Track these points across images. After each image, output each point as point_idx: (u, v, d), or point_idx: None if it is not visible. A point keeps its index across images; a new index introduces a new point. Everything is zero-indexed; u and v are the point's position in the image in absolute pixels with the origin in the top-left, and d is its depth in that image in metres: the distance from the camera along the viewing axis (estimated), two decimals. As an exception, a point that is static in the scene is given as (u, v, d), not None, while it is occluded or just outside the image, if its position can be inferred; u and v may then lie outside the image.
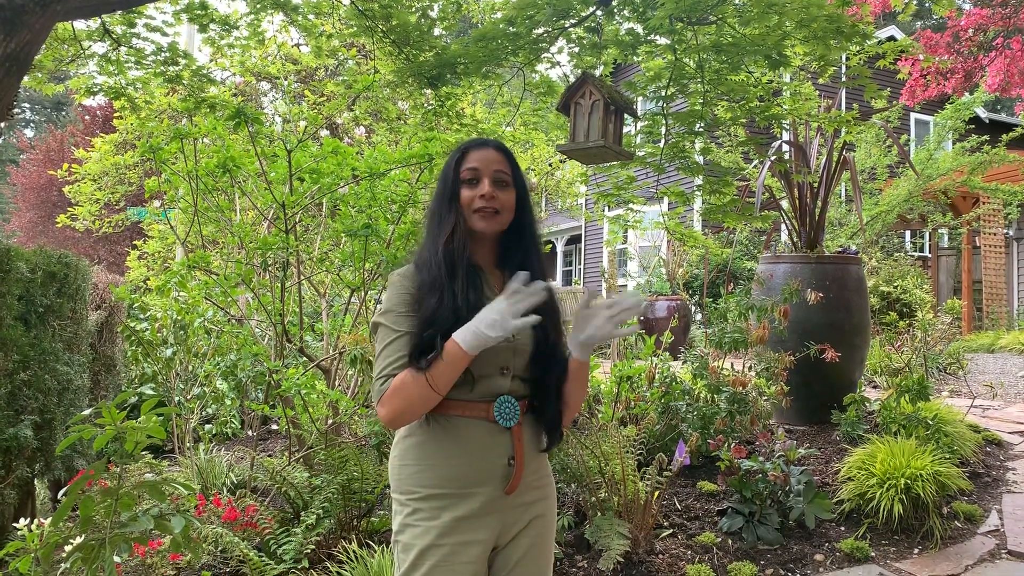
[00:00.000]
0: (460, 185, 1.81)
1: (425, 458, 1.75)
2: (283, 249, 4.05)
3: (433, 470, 1.74)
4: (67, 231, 17.24)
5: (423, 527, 1.72)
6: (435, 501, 1.73)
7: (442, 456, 1.74)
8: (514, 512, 1.79)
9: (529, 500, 1.82)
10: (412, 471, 1.76)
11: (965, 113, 12.34)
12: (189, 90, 5.14)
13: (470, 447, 1.74)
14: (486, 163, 1.82)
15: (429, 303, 1.71)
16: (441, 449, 1.74)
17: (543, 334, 1.82)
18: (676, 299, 11.18)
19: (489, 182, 1.80)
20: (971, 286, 13.89)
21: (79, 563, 1.68)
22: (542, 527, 1.86)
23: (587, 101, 3.61)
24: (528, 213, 1.89)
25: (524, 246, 1.87)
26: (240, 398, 5.54)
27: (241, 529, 3.41)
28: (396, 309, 1.73)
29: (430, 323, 1.69)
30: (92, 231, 13.92)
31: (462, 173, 1.81)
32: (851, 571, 3.56)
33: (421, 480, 1.74)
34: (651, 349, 4.89)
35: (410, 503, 1.75)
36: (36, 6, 2.81)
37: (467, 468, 1.74)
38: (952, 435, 4.57)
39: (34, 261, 3.90)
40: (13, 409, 3.60)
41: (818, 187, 5.75)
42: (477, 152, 1.83)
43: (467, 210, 1.80)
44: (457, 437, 1.74)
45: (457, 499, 1.73)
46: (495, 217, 1.80)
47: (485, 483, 1.75)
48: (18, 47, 2.76)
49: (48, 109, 47.25)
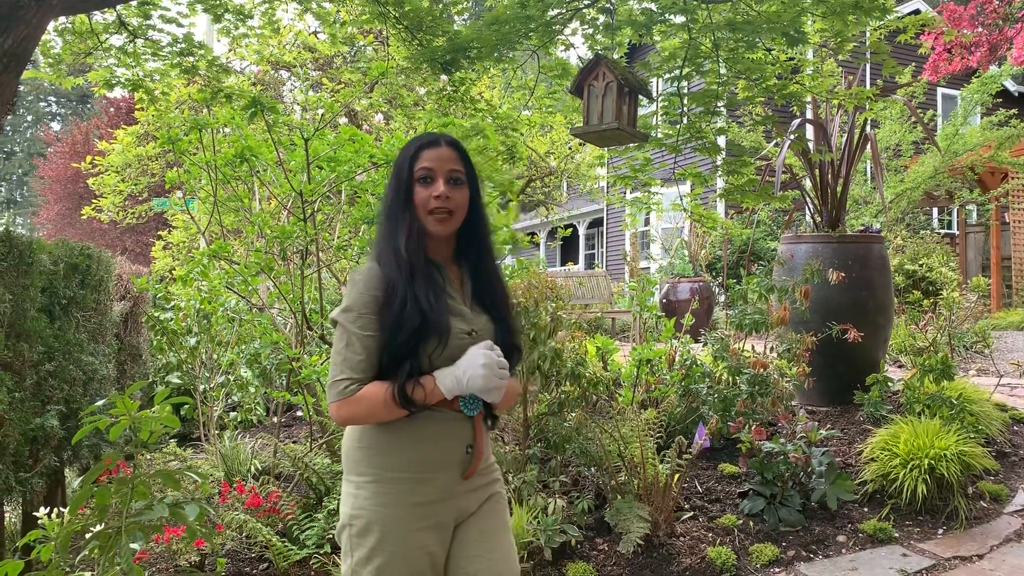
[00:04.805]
0: (414, 184, 1.84)
1: (386, 442, 1.78)
2: (302, 237, 4.08)
3: (393, 455, 1.78)
4: (93, 222, 17.42)
5: (381, 511, 1.75)
6: (393, 485, 1.76)
7: (403, 441, 1.78)
8: (468, 497, 1.86)
9: (481, 484, 1.90)
10: (370, 454, 1.79)
11: (992, 86, 12.10)
12: (206, 80, 5.17)
13: (433, 434, 1.79)
14: (440, 162, 1.84)
15: (393, 307, 1.75)
16: (403, 435, 1.78)
17: (502, 330, 1.90)
18: (698, 281, 11.11)
19: (444, 182, 1.83)
20: (1000, 263, 13.65)
21: (96, 551, 1.71)
22: (498, 504, 1.93)
23: (600, 83, 3.59)
24: (480, 208, 1.93)
25: (478, 241, 1.92)
26: (264, 385, 5.59)
27: (265, 515, 3.45)
28: (357, 309, 1.77)
29: (398, 326, 1.74)
30: (117, 222, 14.08)
31: (416, 172, 1.84)
32: (874, 552, 3.54)
33: (381, 463, 1.78)
34: (671, 331, 4.87)
35: (367, 486, 1.78)
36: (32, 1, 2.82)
37: (429, 454, 1.79)
38: (978, 414, 4.51)
39: (56, 253, 3.94)
40: (39, 400, 3.66)
41: (840, 165, 5.67)
42: (431, 151, 1.86)
43: (421, 210, 1.83)
44: (421, 425, 1.78)
45: (416, 483, 1.77)
46: (449, 219, 1.84)
47: (444, 469, 1.80)
48: (15, 43, 2.78)
49: (73, 102, 47.74)
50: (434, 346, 1.76)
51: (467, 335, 1.83)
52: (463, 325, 1.84)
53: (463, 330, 1.83)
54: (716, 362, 4.63)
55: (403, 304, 1.74)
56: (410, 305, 1.75)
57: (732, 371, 4.44)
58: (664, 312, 9.58)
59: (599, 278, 13.71)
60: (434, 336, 1.76)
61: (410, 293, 1.75)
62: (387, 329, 1.75)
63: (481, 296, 1.92)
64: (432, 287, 1.80)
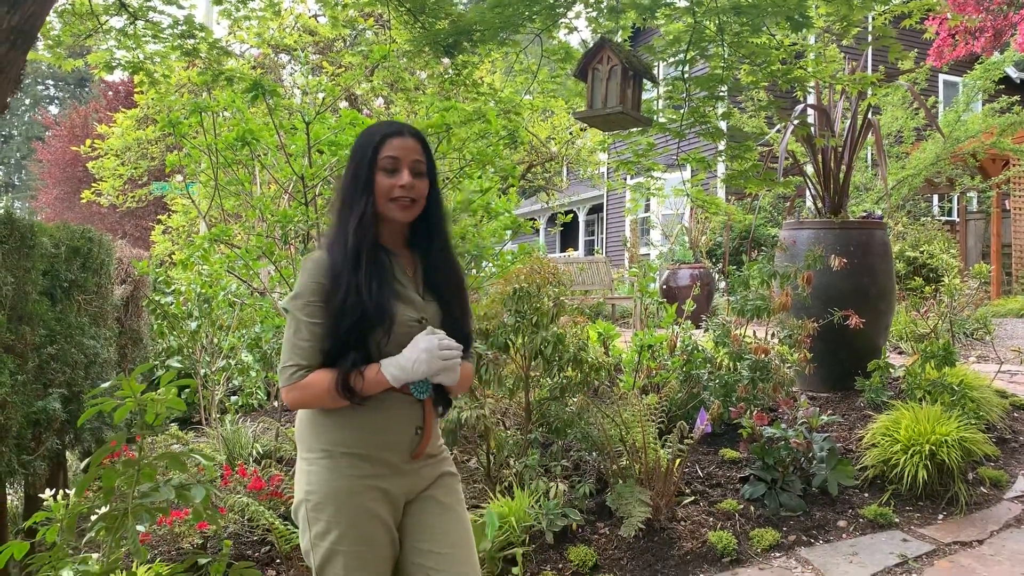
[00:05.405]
0: (376, 172, 1.85)
1: (336, 421, 1.82)
2: (303, 221, 4.07)
3: (344, 432, 1.81)
4: (93, 206, 17.40)
5: (333, 485, 1.79)
6: (345, 460, 1.80)
7: (356, 420, 1.81)
8: (418, 474, 1.90)
9: (431, 463, 1.94)
10: (321, 431, 1.83)
11: (995, 73, 12.04)
12: (207, 63, 5.14)
13: (384, 415, 1.83)
14: (405, 152, 1.86)
15: (337, 297, 1.78)
16: (356, 414, 1.81)
17: (451, 316, 1.94)
18: (699, 267, 11.10)
19: (408, 172, 1.86)
20: (1000, 250, 13.64)
21: (103, 532, 1.72)
22: (450, 481, 1.98)
23: (605, 67, 3.56)
24: (437, 198, 1.97)
25: (433, 229, 1.95)
26: (265, 370, 5.60)
27: (267, 498, 3.46)
28: (306, 297, 1.80)
29: (341, 315, 1.77)
30: (117, 206, 14.05)
31: (380, 161, 1.85)
32: (875, 537, 3.55)
33: (331, 440, 1.82)
34: (672, 317, 4.87)
35: (318, 462, 1.81)
36: (39, -23, 2.80)
37: (378, 434, 1.83)
38: (978, 400, 4.52)
39: (58, 236, 3.93)
40: (41, 383, 3.66)
41: (842, 151, 5.65)
42: (396, 140, 1.87)
43: (382, 198, 1.85)
44: (373, 406, 1.81)
45: (364, 460, 1.81)
46: (411, 207, 1.87)
47: (394, 449, 1.85)
48: (23, 19, 2.76)
49: (72, 86, 47.54)
50: (380, 335, 1.80)
51: (416, 323, 1.86)
52: (412, 313, 1.87)
53: (412, 318, 1.87)
54: (717, 348, 4.63)
55: (346, 294, 1.77)
56: (352, 295, 1.77)
57: (733, 357, 4.44)
58: (664, 298, 9.58)
59: (599, 264, 13.69)
60: (378, 325, 1.79)
61: (353, 283, 1.78)
62: (332, 317, 1.78)
63: (434, 283, 1.95)
64: (378, 275, 1.82)
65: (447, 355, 1.80)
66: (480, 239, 4.39)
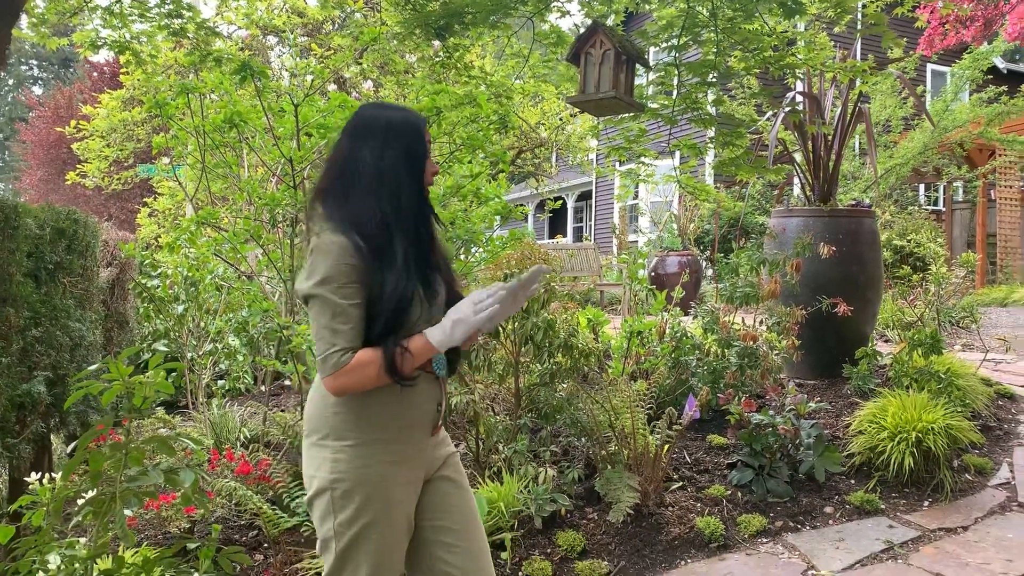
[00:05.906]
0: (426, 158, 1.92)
1: (363, 406, 1.82)
2: (292, 205, 4.03)
3: (371, 417, 1.82)
4: (77, 188, 17.21)
5: (364, 473, 1.79)
6: (378, 447, 1.81)
7: (381, 404, 1.82)
8: (435, 451, 1.97)
9: (441, 440, 2.01)
10: (352, 418, 1.82)
11: (983, 63, 12.08)
12: (194, 44, 5.07)
13: (410, 395, 1.85)
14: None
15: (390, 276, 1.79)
16: (380, 398, 1.82)
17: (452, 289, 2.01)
18: (687, 254, 11.12)
19: None
20: (985, 239, 13.74)
21: (90, 516, 1.70)
22: (456, 460, 2.05)
23: (598, 51, 3.54)
24: None
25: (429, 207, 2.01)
26: (252, 354, 5.57)
27: (255, 483, 3.44)
28: (339, 280, 1.77)
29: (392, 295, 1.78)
30: (102, 188, 13.92)
31: (428, 146, 1.94)
32: (861, 523, 3.58)
33: (364, 426, 1.82)
34: (661, 304, 4.87)
35: (347, 449, 1.81)
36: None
37: (406, 415, 1.86)
38: (964, 389, 4.55)
39: (42, 217, 3.88)
40: (26, 365, 3.62)
41: (832, 139, 5.66)
42: None
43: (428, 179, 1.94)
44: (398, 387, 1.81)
45: (394, 444, 1.83)
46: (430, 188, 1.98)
47: (417, 428, 1.88)
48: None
49: (55, 66, 46.94)
50: (420, 311, 1.84)
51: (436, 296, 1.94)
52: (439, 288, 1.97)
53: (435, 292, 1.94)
54: (706, 335, 4.64)
55: (404, 270, 1.80)
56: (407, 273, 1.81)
57: (722, 344, 4.45)
58: (653, 285, 9.58)
59: (588, 251, 13.70)
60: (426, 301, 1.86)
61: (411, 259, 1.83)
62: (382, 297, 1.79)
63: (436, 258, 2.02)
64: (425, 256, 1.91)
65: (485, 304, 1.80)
66: (470, 224, 4.37)
